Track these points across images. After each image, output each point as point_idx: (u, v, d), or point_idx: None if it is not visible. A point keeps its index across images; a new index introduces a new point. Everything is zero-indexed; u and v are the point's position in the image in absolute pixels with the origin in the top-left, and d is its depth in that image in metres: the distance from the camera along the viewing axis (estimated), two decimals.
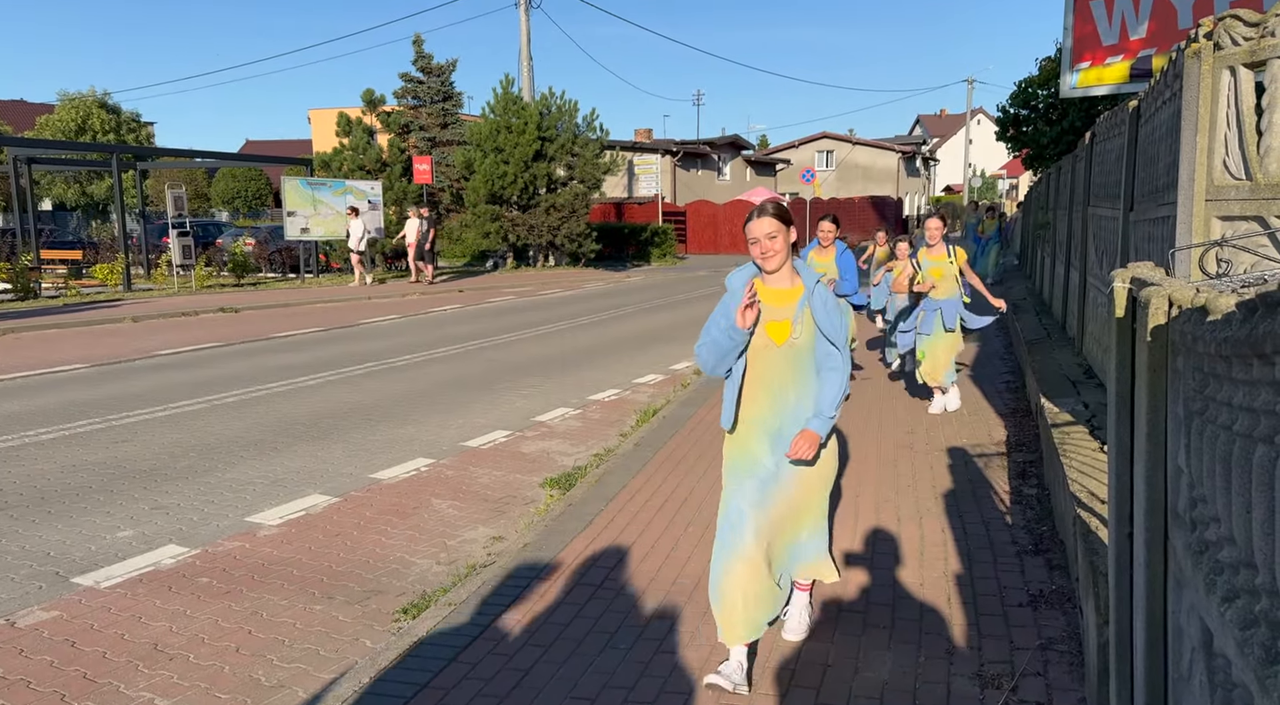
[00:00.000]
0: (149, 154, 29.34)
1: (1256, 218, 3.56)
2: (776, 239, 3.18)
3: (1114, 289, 2.37)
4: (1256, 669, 1.22)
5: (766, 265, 3.20)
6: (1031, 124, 22.31)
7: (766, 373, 3.25)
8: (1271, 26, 3.43)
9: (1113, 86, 10.27)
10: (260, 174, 48.97)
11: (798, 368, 3.25)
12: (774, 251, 3.17)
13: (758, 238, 3.18)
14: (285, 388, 9.46)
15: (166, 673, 3.62)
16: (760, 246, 3.18)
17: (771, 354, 3.23)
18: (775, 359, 3.24)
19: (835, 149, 56.54)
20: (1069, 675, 3.31)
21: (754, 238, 3.18)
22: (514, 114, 25.57)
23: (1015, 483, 5.67)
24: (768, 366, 3.25)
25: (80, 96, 41.98)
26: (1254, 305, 1.28)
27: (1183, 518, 1.83)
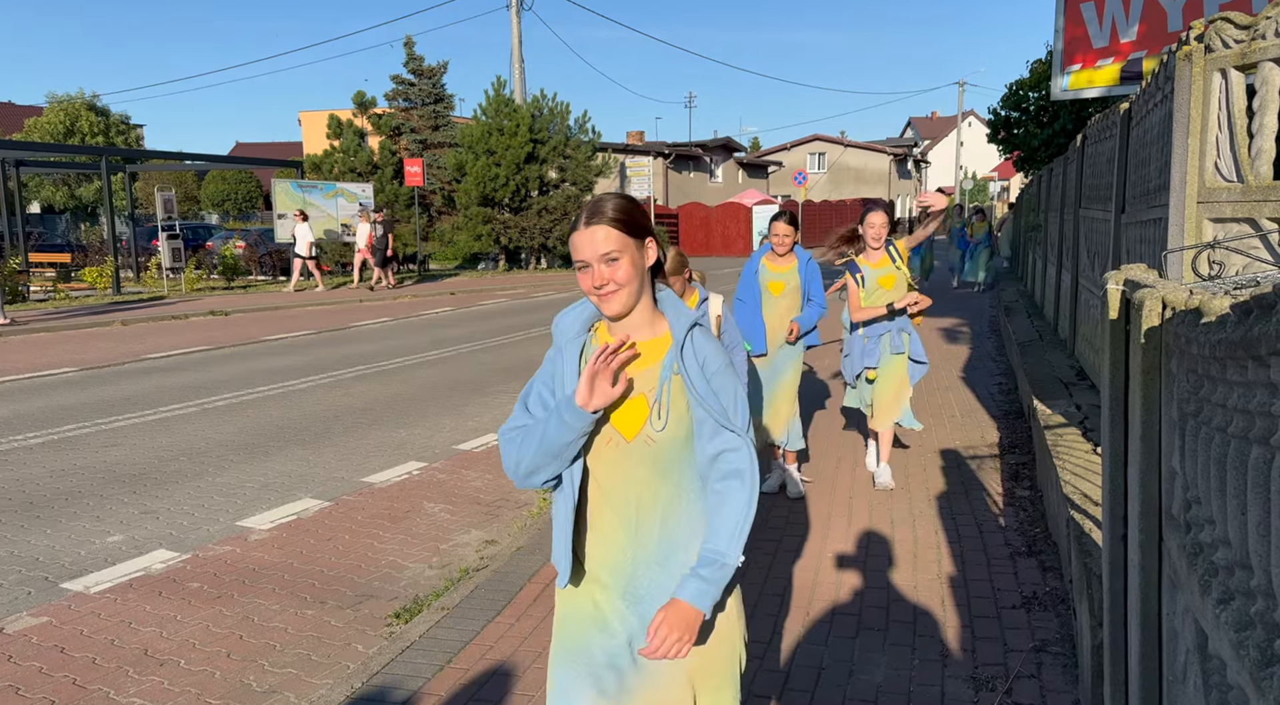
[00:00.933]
0: (138, 156, 29.21)
1: (1248, 220, 3.57)
2: (619, 262, 1.85)
3: (1108, 291, 2.37)
4: (1252, 671, 1.22)
5: (605, 308, 1.89)
6: (1023, 126, 22.39)
7: (613, 485, 1.93)
8: (1262, 29, 3.44)
9: (1103, 89, 10.31)
10: (250, 176, 48.79)
11: (664, 476, 1.92)
12: (615, 285, 1.85)
13: (588, 261, 1.86)
14: (276, 391, 9.42)
15: (157, 678, 3.60)
16: (593, 276, 1.85)
17: (619, 455, 1.92)
18: (625, 463, 1.92)
19: (827, 151, 56.68)
20: (1063, 677, 3.31)
21: (582, 261, 1.87)
22: (506, 116, 25.55)
23: (1008, 485, 5.68)
24: (613, 474, 1.93)
25: (69, 99, 41.77)
26: (1248, 307, 1.28)
27: (1177, 520, 1.83)
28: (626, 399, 1.91)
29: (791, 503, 5.45)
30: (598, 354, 1.81)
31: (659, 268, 2.00)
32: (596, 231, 1.86)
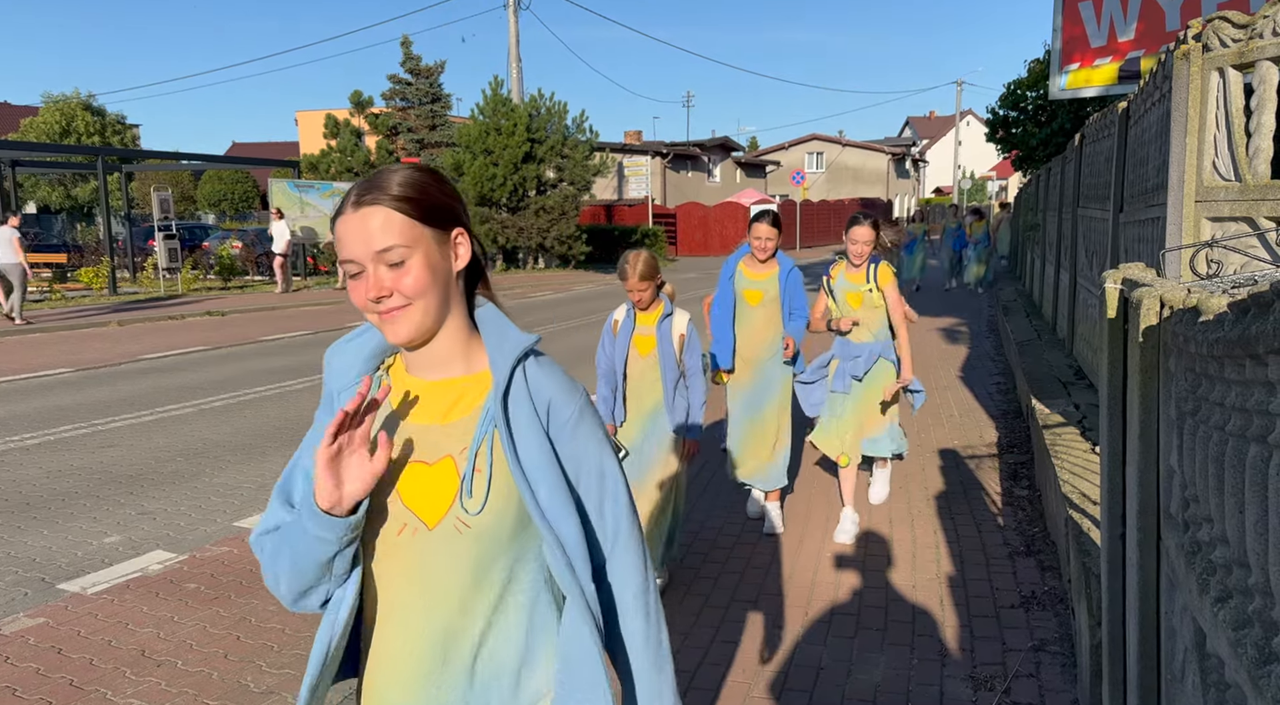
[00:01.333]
0: (134, 156, 29.18)
1: (1246, 219, 3.57)
2: (407, 264, 1.26)
3: (1106, 290, 2.37)
4: (1250, 669, 1.22)
5: (389, 332, 1.29)
6: (1021, 126, 22.39)
7: (409, 596, 1.31)
8: (1260, 28, 3.44)
9: (1101, 88, 10.32)
10: (247, 176, 48.75)
11: (484, 581, 1.30)
12: (401, 299, 1.27)
13: (359, 261, 1.26)
14: (273, 392, 9.41)
15: (154, 679, 3.59)
16: (368, 284, 1.26)
17: (418, 550, 1.29)
18: (429, 562, 1.29)
19: (825, 151, 56.71)
20: (1061, 677, 3.31)
21: (351, 261, 1.27)
22: (503, 116, 25.55)
23: (1007, 484, 5.69)
24: (410, 581, 1.30)
25: (65, 98, 41.71)
26: (1246, 306, 1.28)
27: (1175, 518, 1.83)
28: (418, 465, 1.30)
29: (789, 501, 5.45)
30: (337, 421, 1.19)
31: (478, 274, 1.41)
32: (370, 217, 1.24)
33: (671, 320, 3.99)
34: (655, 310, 4.01)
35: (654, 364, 3.97)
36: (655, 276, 3.91)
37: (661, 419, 4.01)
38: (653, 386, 4.00)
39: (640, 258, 3.88)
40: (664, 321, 3.97)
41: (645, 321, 4.00)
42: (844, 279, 4.83)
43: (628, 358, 3.99)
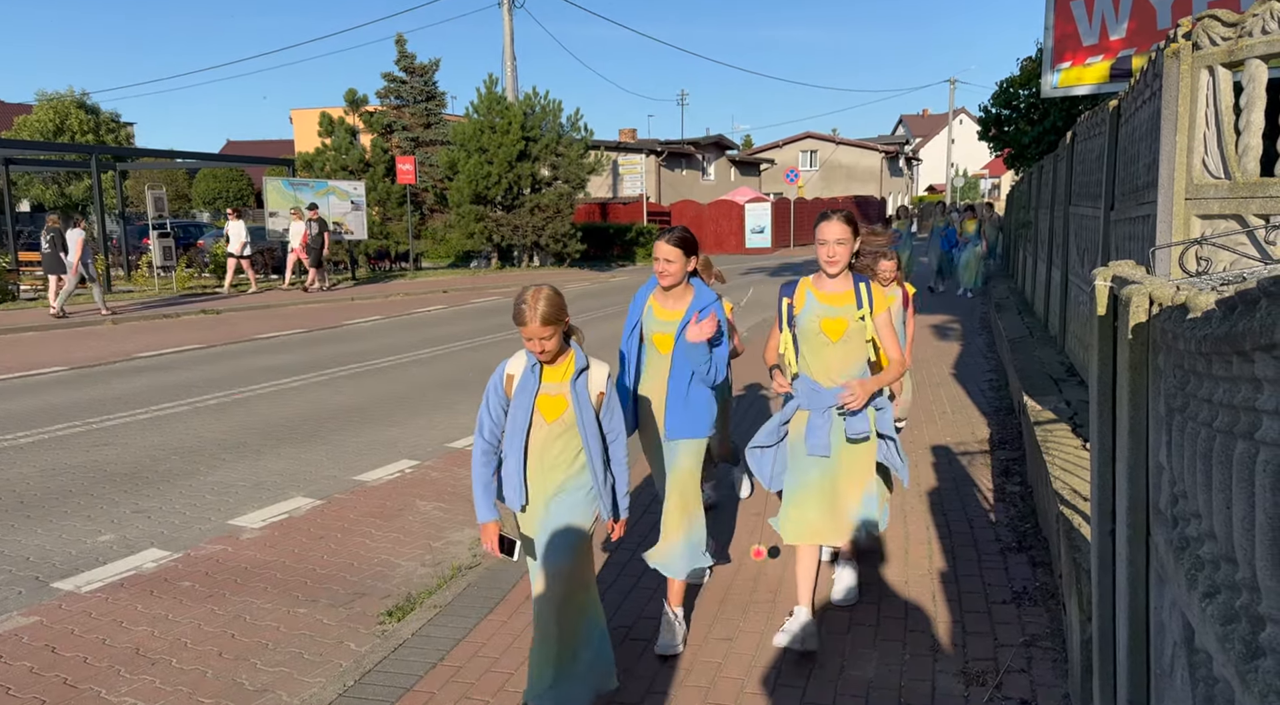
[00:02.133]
0: (128, 154, 29.06)
1: (1235, 216, 3.59)
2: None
3: (1096, 287, 2.38)
4: (1238, 664, 1.23)
5: None
6: (1013, 124, 22.43)
7: None
8: (1249, 26, 3.46)
9: (1093, 86, 10.35)
10: (242, 174, 48.60)
11: None
12: None
13: None
14: (268, 390, 9.40)
15: (148, 677, 3.59)
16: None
17: None
18: None
19: (819, 149, 56.74)
20: (1052, 671, 3.33)
21: None
22: (498, 114, 25.50)
23: (998, 480, 5.71)
24: None
25: (58, 97, 41.52)
26: (1234, 303, 1.29)
27: (1164, 514, 1.85)
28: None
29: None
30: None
31: None
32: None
33: (588, 375, 3.06)
34: (564, 363, 3.06)
35: (563, 432, 3.03)
36: (562, 320, 2.97)
37: (573, 499, 3.07)
38: (560, 461, 3.04)
39: (541, 296, 2.91)
40: (578, 378, 3.04)
41: (552, 377, 3.04)
42: (816, 301, 3.53)
43: (530, 425, 3.02)
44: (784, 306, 3.66)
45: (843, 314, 3.53)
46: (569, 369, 3.07)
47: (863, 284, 3.56)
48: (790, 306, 3.63)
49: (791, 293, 3.64)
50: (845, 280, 3.55)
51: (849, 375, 3.54)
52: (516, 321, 2.93)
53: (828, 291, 3.56)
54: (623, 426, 3.17)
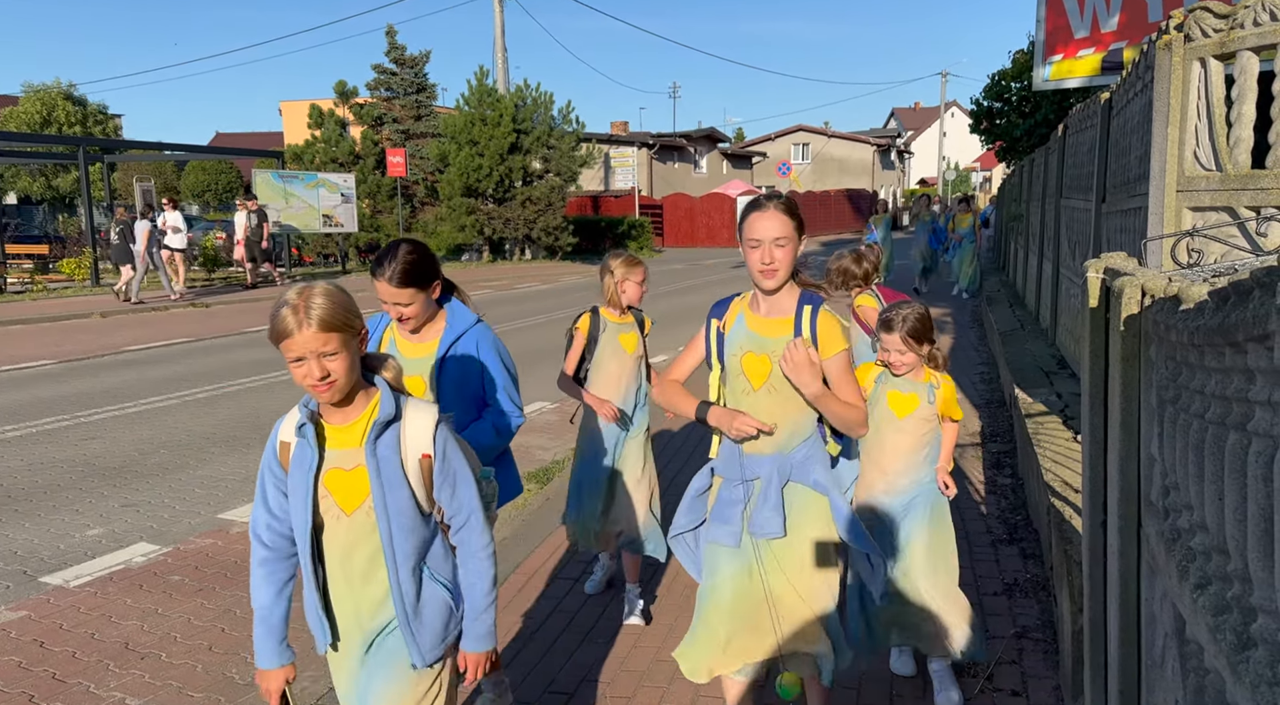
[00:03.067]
0: (117, 146, 28.86)
1: (1226, 208, 3.60)
2: None
3: (1088, 279, 2.38)
4: (1229, 655, 1.23)
5: None
6: (1004, 117, 22.47)
7: None
8: (1240, 18, 3.46)
9: (1084, 79, 10.37)
10: (231, 167, 48.33)
11: None
12: None
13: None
14: (258, 383, 9.35)
15: (138, 672, 3.57)
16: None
17: None
18: None
19: (811, 142, 56.75)
20: (1043, 663, 3.34)
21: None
22: (489, 106, 25.40)
23: (990, 473, 5.72)
24: None
25: (45, 88, 41.20)
26: (1226, 294, 1.29)
27: (1156, 506, 1.85)
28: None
29: None
30: None
31: None
32: None
33: (399, 431, 1.96)
34: (356, 420, 1.93)
35: (374, 529, 1.97)
36: (352, 326, 1.86)
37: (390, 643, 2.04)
38: (379, 575, 2.00)
39: (322, 298, 1.83)
40: (381, 436, 1.94)
41: (343, 440, 1.95)
42: (744, 327, 2.55)
43: (317, 522, 1.97)
44: (712, 331, 2.60)
45: (771, 350, 2.48)
46: (367, 421, 1.93)
47: (811, 308, 2.48)
48: (720, 332, 2.59)
49: (723, 313, 2.61)
50: (787, 299, 2.50)
51: (791, 429, 2.51)
52: (274, 338, 1.84)
53: (762, 315, 2.53)
54: (476, 504, 2.05)
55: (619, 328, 3.93)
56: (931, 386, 3.19)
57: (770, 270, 2.42)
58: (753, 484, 2.54)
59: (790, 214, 2.43)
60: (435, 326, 2.86)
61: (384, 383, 1.97)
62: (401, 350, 2.86)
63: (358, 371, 1.91)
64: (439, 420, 2.00)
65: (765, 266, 2.41)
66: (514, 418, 2.90)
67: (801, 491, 2.54)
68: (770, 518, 2.50)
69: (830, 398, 2.44)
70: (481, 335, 2.86)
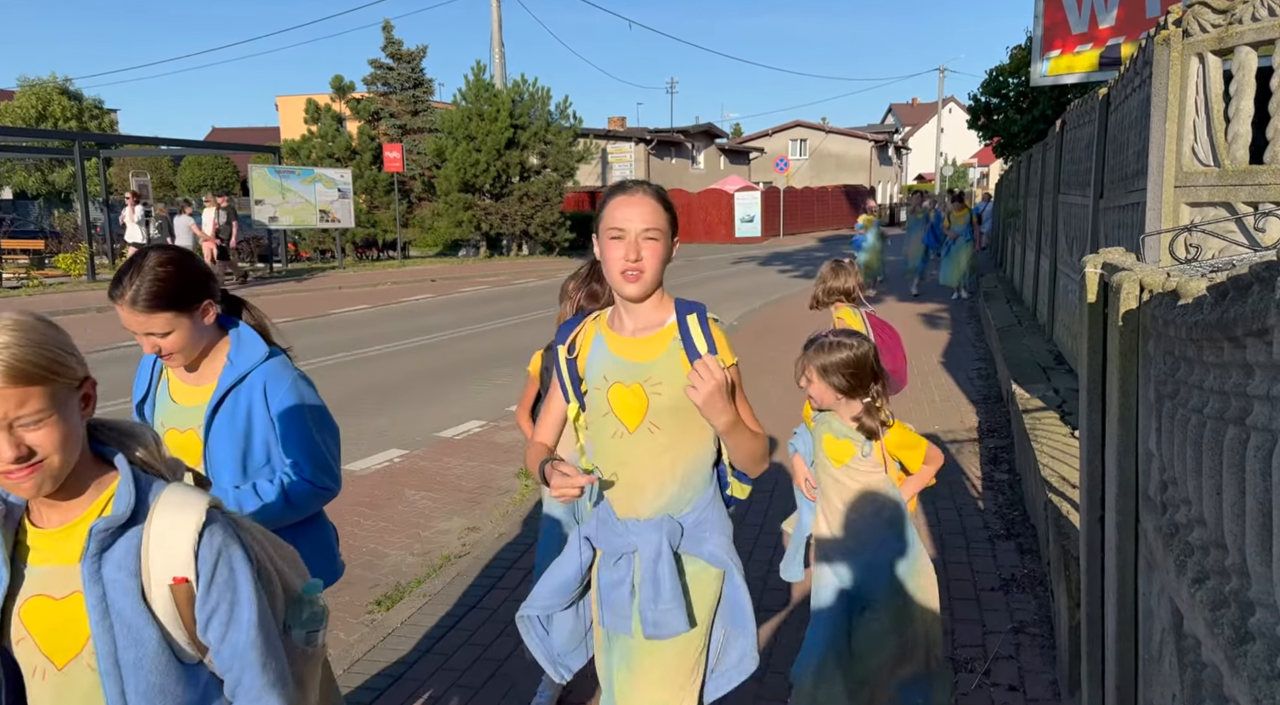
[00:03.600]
0: (112, 141, 28.77)
1: (1224, 204, 3.60)
2: None
3: (1086, 274, 2.38)
4: (1226, 649, 1.23)
5: None
6: (1002, 112, 22.45)
7: None
8: (1239, 13, 3.46)
9: (1082, 75, 10.36)
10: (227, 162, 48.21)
11: None
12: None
13: None
14: None
15: None
16: None
17: None
18: None
19: (809, 137, 56.69)
20: (1040, 658, 3.35)
21: None
22: (486, 101, 25.36)
23: (987, 468, 5.73)
24: None
25: (41, 83, 41.05)
26: (1225, 289, 1.29)
27: (1154, 501, 1.85)
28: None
29: (774, 493, 5.47)
30: None
31: None
32: None
33: (140, 538, 1.30)
34: (75, 520, 1.29)
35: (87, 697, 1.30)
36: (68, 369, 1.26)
37: None
38: None
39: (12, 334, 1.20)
40: (114, 547, 1.29)
41: (48, 553, 1.30)
42: (607, 352, 2.01)
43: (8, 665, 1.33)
44: (562, 362, 2.04)
45: (647, 378, 1.93)
46: (81, 526, 1.29)
47: (697, 316, 1.97)
48: (572, 362, 2.04)
49: (569, 336, 2.05)
50: (658, 310, 1.97)
51: (668, 499, 1.96)
52: None
53: (628, 333, 1.98)
54: (256, 655, 1.34)
55: None
56: (868, 440, 2.68)
57: (637, 271, 1.88)
58: (634, 557, 1.96)
59: (663, 203, 1.94)
60: (217, 362, 2.13)
61: (125, 465, 1.31)
62: (175, 396, 2.19)
63: (80, 446, 1.26)
64: (206, 522, 1.29)
65: (630, 265, 1.87)
66: (319, 483, 2.12)
67: (691, 566, 1.98)
68: (669, 612, 1.90)
69: (743, 429, 1.91)
70: (274, 375, 2.09)
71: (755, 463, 2.01)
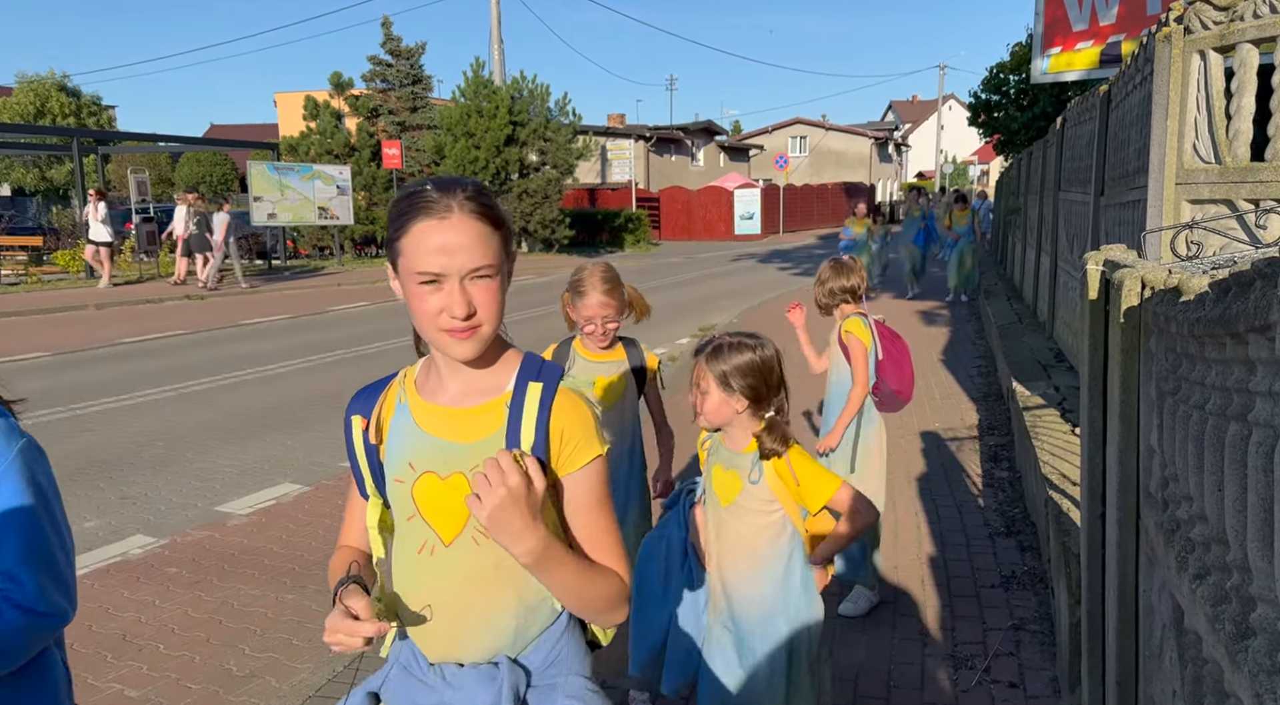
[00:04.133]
0: (111, 138, 28.75)
1: (1225, 201, 3.60)
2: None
3: (1088, 271, 2.38)
4: (1228, 644, 1.23)
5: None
6: (1003, 110, 22.46)
7: None
8: (1240, 11, 3.46)
9: (1083, 72, 10.36)
10: (225, 158, 48.19)
11: None
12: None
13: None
14: (254, 376, 9.34)
15: (135, 663, 3.57)
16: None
17: None
18: None
19: (808, 135, 56.65)
20: (1040, 655, 3.35)
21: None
22: (485, 98, 25.33)
23: (987, 466, 5.73)
24: None
25: (39, 79, 41.02)
26: (1227, 285, 1.29)
27: (1155, 497, 1.85)
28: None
29: None
30: None
31: None
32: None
33: None
34: None
35: None
36: None
37: None
38: None
39: None
40: None
41: None
42: (413, 426, 1.44)
43: None
44: (356, 437, 1.51)
45: (470, 466, 1.36)
46: None
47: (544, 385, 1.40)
48: (374, 449, 1.48)
49: (371, 405, 1.52)
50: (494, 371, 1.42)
51: (504, 637, 1.41)
52: None
53: (447, 402, 1.42)
54: None
55: (592, 367, 2.95)
56: (755, 463, 2.19)
57: (467, 330, 1.30)
58: None
59: (490, 218, 1.33)
60: None
61: None
62: None
63: None
64: None
65: (457, 325, 1.29)
66: (45, 606, 1.47)
67: None
68: None
69: (561, 563, 1.32)
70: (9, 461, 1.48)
71: (595, 611, 1.40)
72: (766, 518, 2.21)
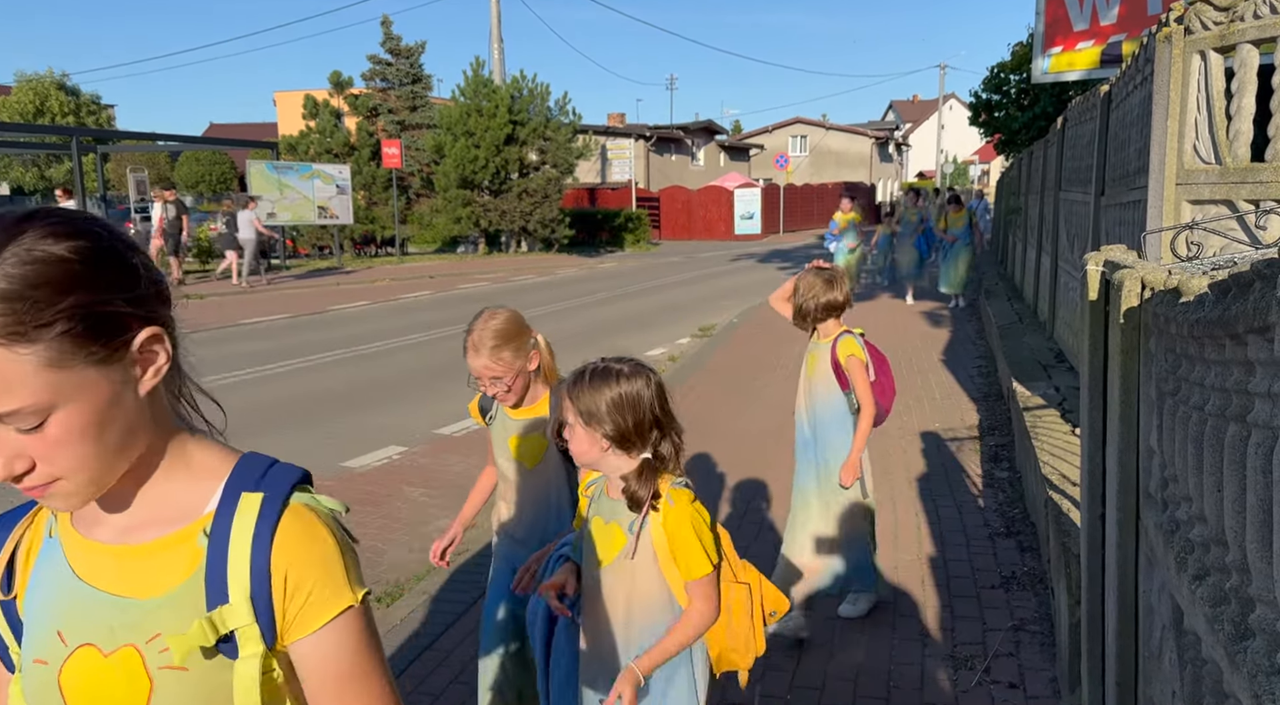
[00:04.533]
0: (110, 137, 28.73)
1: (1226, 201, 3.60)
2: None
3: (1088, 272, 2.38)
4: (1226, 645, 1.23)
5: None
6: (1003, 109, 22.45)
7: None
8: (1241, 11, 3.46)
9: (1084, 72, 10.36)
10: (225, 158, 48.20)
11: None
12: None
13: None
14: (252, 376, 9.34)
15: None
16: None
17: None
18: None
19: (809, 134, 56.64)
20: (1040, 655, 3.35)
21: None
22: (485, 97, 25.32)
23: (987, 466, 5.73)
24: None
25: (38, 78, 41.01)
26: (1227, 286, 1.29)
27: (1154, 498, 1.85)
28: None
29: (773, 490, 5.47)
30: None
31: None
32: None
33: None
34: None
35: None
36: None
37: None
38: None
39: None
40: None
41: None
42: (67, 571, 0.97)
43: None
44: None
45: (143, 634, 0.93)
46: None
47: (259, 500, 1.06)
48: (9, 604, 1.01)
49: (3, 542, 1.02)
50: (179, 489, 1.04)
51: None
52: None
53: (111, 538, 0.99)
54: None
55: (509, 425, 2.55)
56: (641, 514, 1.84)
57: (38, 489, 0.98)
58: None
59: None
60: None
61: None
62: None
63: None
64: None
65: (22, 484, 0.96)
66: None
67: None
68: None
69: None
70: None
71: None
72: (655, 585, 1.84)
